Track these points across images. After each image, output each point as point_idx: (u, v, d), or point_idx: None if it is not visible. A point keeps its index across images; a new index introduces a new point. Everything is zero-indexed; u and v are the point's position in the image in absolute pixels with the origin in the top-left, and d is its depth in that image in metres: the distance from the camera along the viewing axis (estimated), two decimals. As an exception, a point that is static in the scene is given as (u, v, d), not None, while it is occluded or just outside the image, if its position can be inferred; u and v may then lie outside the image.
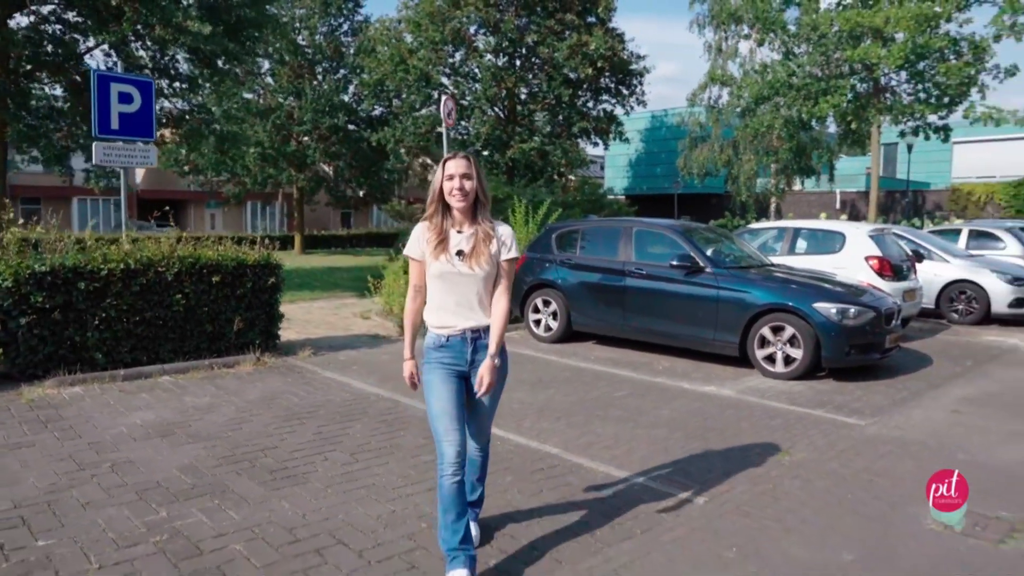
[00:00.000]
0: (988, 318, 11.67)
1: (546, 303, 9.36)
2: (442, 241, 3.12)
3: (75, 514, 3.81)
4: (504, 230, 3.22)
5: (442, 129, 11.66)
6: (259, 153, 26.82)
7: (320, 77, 29.89)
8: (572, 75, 23.59)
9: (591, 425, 5.63)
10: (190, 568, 3.27)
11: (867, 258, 10.02)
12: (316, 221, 43.81)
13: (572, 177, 26.75)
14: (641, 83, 24.31)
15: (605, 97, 24.86)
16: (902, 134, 17.36)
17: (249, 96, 27.41)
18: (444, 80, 24.47)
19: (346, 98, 29.01)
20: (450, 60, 24.46)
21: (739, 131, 21.42)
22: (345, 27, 30.79)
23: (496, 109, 24.23)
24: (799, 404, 6.39)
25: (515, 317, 9.98)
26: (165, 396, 6.27)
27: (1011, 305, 11.54)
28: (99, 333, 6.93)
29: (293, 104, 28.18)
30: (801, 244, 11.31)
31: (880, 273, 9.75)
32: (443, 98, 11.57)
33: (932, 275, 11.87)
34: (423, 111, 25.77)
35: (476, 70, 24.72)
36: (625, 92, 24.38)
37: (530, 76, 24.56)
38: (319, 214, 45.59)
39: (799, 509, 4.08)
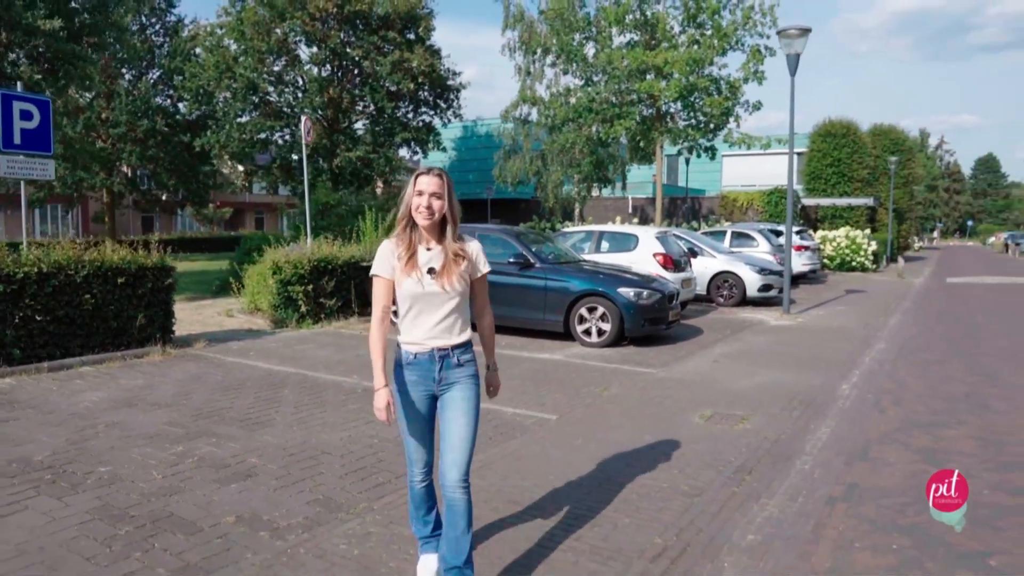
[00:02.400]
0: (744, 300, 14.90)
1: (404, 296, 11.06)
2: (411, 257, 3.04)
3: (109, 454, 5.09)
4: (474, 247, 3.18)
5: (303, 149, 12.94)
6: (59, 154, 25.94)
7: (128, 77, 29.23)
8: (394, 88, 25.21)
9: (464, 382, 7.49)
10: (228, 473, 4.75)
11: (654, 255, 12.67)
12: (116, 227, 41.90)
13: (394, 184, 28.32)
14: (458, 97, 26.46)
15: (424, 109, 26.72)
16: (679, 152, 20.79)
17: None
18: (270, 88, 25.15)
19: (164, 101, 28.63)
20: (274, 69, 25.18)
21: (547, 145, 24.19)
22: (157, 27, 30.30)
23: (320, 117, 25.28)
24: (610, 362, 8.65)
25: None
26: (99, 381, 7.34)
27: (760, 290, 14.83)
28: (16, 331, 7.78)
29: (103, 104, 27.44)
30: (604, 244, 13.83)
31: (664, 266, 12.42)
32: (303, 119, 12.87)
33: (703, 268, 14.92)
34: (245, 118, 26.25)
35: (300, 80, 25.62)
36: (443, 105, 26.39)
37: (354, 88, 25.85)
38: (119, 220, 43.59)
39: (617, 417, 6.20)
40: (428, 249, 3.08)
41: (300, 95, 25.83)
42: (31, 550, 3.61)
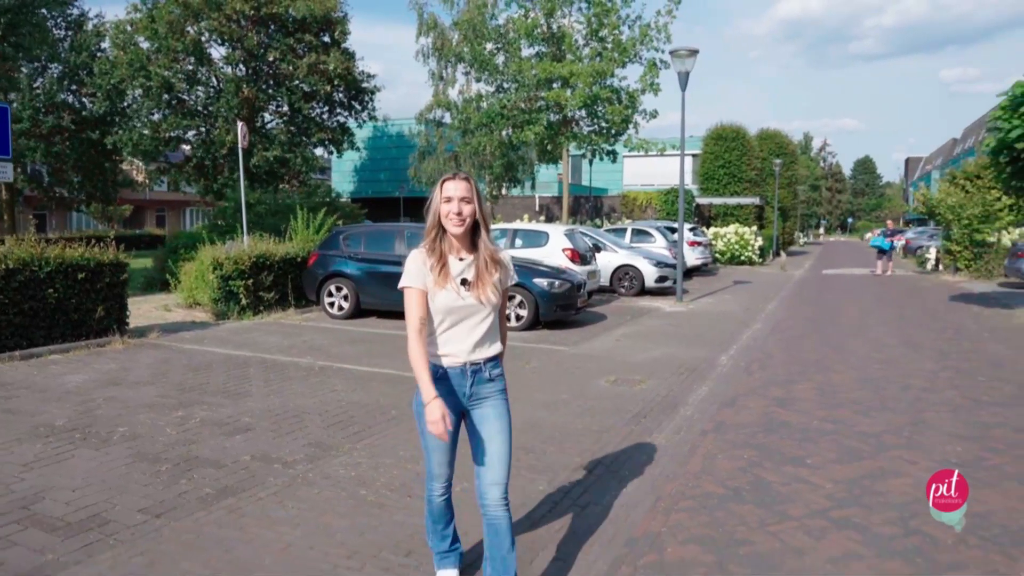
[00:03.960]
0: (643, 290, 16.57)
1: (338, 289, 12.10)
2: (443, 267, 2.91)
3: (120, 419, 6.03)
4: (506, 256, 3.09)
5: (239, 153, 13.71)
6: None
7: (24, 71, 28.63)
8: (309, 90, 25.84)
9: (406, 359, 8.66)
10: (229, 428, 5.80)
11: (563, 250, 14.12)
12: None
13: (307, 183, 28.87)
14: (372, 99, 27.31)
15: (339, 110, 27.44)
16: (584, 155, 22.43)
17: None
18: (184, 87, 25.31)
19: (67, 96, 28.20)
20: (188, 68, 25.37)
21: (460, 148, 25.37)
22: (59, 19, 29.72)
23: (235, 117, 25.62)
24: (529, 342, 10.00)
25: (311, 301, 12.61)
26: (73, 367, 8.13)
27: (656, 281, 16.53)
28: (-13, 323, 8.46)
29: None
30: (519, 241, 15.19)
31: (572, 260, 13.88)
32: (239, 124, 13.65)
33: (607, 261, 16.50)
34: (157, 116, 26.29)
35: (214, 80, 25.90)
36: (358, 107, 27.20)
37: (269, 88, 26.31)
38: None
39: (539, 383, 7.53)
40: (460, 259, 2.96)
41: (213, 94, 26.06)
42: (95, 481, 4.62)
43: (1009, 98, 12.10)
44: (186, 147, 28.03)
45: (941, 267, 26.38)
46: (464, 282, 2.94)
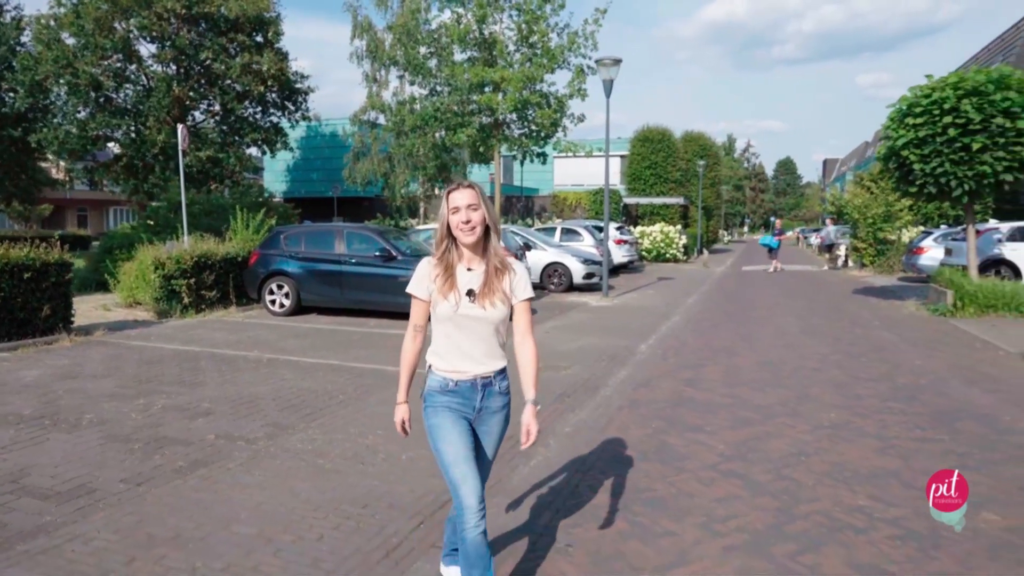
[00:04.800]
0: (571, 287, 17.44)
1: (279, 287, 12.54)
2: (449, 278, 2.91)
3: (85, 408, 6.47)
4: (519, 267, 3.01)
5: (179, 154, 13.96)
6: None
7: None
8: (242, 89, 25.91)
9: (349, 351, 9.27)
10: (190, 413, 6.31)
11: (496, 248, 14.84)
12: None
13: (240, 183, 28.87)
14: (306, 100, 27.52)
15: (273, 110, 27.55)
16: (515, 157, 23.22)
17: None
18: (113, 85, 25.04)
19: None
20: (117, 66, 25.11)
21: (394, 149, 25.85)
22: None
23: (166, 117, 25.51)
24: (465, 335, 10.68)
25: (252, 299, 13.01)
26: (25, 363, 8.44)
27: (584, 278, 17.43)
28: (-65, 322, 8.69)
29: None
30: (453, 240, 15.83)
31: (505, 258, 14.62)
32: (180, 127, 13.90)
33: (537, 259, 17.31)
34: (83, 114, 25.93)
35: (144, 78, 25.72)
36: (291, 107, 27.36)
37: (200, 88, 26.24)
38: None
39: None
40: (469, 270, 2.94)
41: (143, 92, 25.84)
42: (74, 459, 5.11)
43: (896, 110, 13.36)
44: (114, 146, 27.65)
45: (850, 263, 28.13)
46: (470, 293, 2.90)
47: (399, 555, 3.75)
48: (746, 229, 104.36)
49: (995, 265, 17.23)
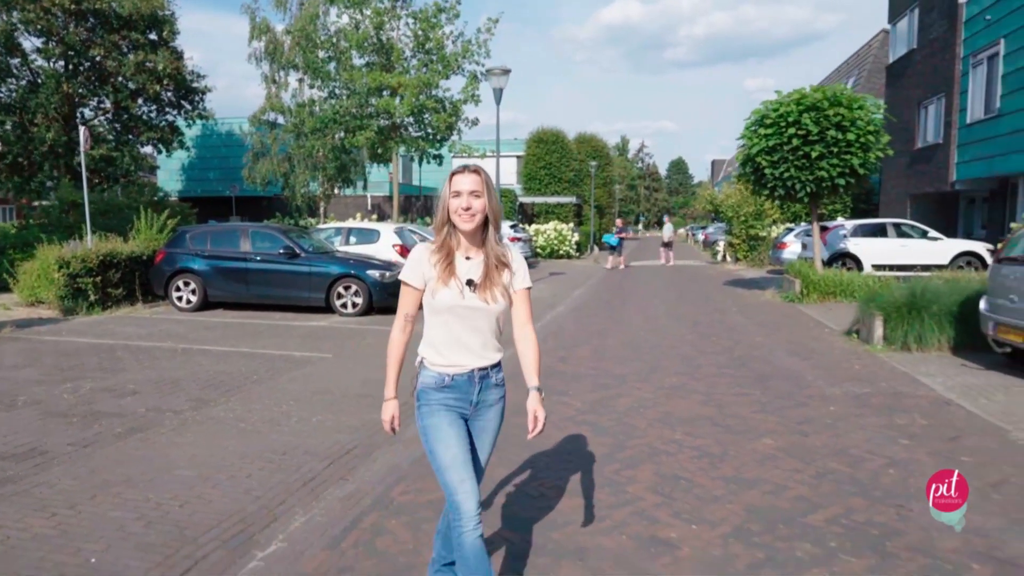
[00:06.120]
0: (467, 282, 18.54)
1: (186, 283, 13.12)
2: (449, 265, 2.79)
3: (16, 392, 7.10)
4: (518, 257, 2.93)
5: (81, 156, 14.23)
6: None
7: None
8: (136, 88, 25.70)
9: (258, 340, 10.07)
10: (118, 393, 7.04)
11: (393, 245, 15.81)
12: None
13: (135, 182, 28.54)
14: (203, 99, 27.49)
15: (169, 109, 27.39)
16: (412, 159, 24.16)
17: None
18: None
19: None
20: None
21: (293, 150, 26.27)
22: None
23: (55, 115, 25.02)
24: (364, 324, 11.64)
25: (159, 296, 13.52)
26: (-58, 356, 8.86)
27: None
28: None
29: None
30: (352, 238, 16.69)
31: (401, 254, 15.59)
32: (82, 129, 14.17)
33: (434, 256, 18.30)
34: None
35: (29, 73, 25.16)
36: (188, 107, 27.29)
37: (91, 85, 25.85)
38: None
39: (374, 354, 9.19)
40: (468, 258, 2.82)
41: (29, 88, 25.23)
42: (20, 431, 5.84)
43: (751, 121, 15.14)
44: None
45: (728, 258, 30.46)
46: (470, 283, 2.78)
47: (314, 485, 4.76)
48: (640, 227, 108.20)
49: (842, 258, 19.49)
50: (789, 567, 3.61)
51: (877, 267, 19.06)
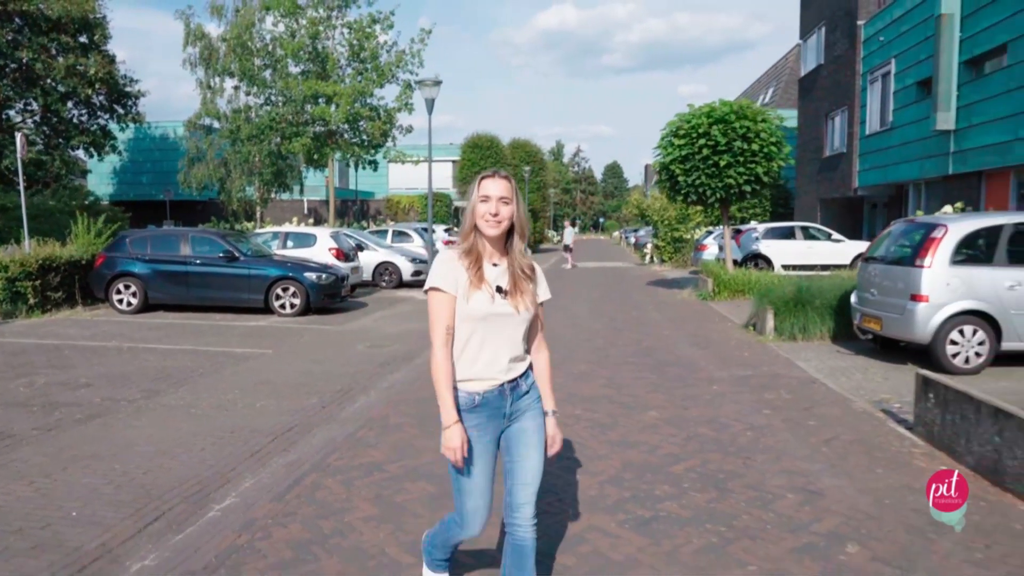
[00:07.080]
0: (401, 283, 19.32)
1: (127, 287, 13.54)
2: (479, 270, 2.67)
3: (9, 385, 7.62)
4: (538, 269, 2.88)
5: (18, 162, 14.48)
6: None
7: None
8: (66, 91, 25.60)
9: (200, 339, 10.67)
10: (73, 386, 7.61)
11: (329, 249, 16.47)
12: None
13: (66, 187, 28.34)
14: (136, 103, 27.48)
15: (100, 113, 27.30)
16: (348, 164, 24.76)
17: None
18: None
19: None
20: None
21: (230, 155, 26.52)
22: None
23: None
24: (302, 323, 12.32)
25: (99, 299, 13.90)
26: None
27: (412, 275, 19.36)
28: None
29: None
30: (290, 242, 17.27)
31: (337, 257, 16.28)
32: (18, 135, 14.42)
33: (369, 259, 19.04)
34: None
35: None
36: (121, 111, 27.26)
37: (16, 87, 25.63)
38: None
39: (311, 350, 9.91)
40: (494, 265, 2.74)
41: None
42: (-15, 418, 6.41)
43: (666, 132, 16.32)
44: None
45: (655, 260, 31.84)
46: (499, 289, 2.70)
47: (261, 455, 5.52)
48: (576, 229, 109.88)
49: (755, 258, 20.93)
50: (648, 501, 4.56)
51: (786, 267, 20.55)
